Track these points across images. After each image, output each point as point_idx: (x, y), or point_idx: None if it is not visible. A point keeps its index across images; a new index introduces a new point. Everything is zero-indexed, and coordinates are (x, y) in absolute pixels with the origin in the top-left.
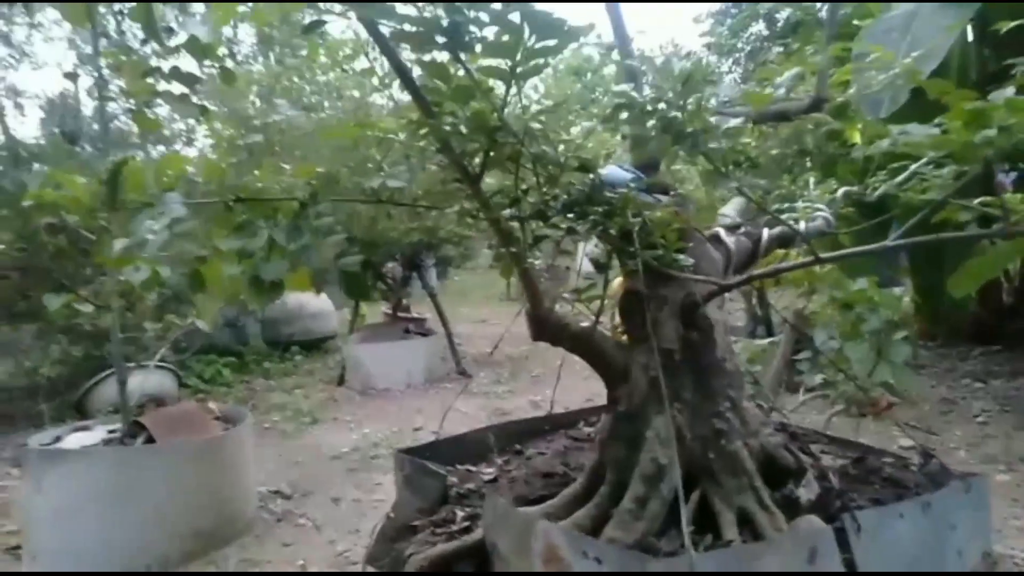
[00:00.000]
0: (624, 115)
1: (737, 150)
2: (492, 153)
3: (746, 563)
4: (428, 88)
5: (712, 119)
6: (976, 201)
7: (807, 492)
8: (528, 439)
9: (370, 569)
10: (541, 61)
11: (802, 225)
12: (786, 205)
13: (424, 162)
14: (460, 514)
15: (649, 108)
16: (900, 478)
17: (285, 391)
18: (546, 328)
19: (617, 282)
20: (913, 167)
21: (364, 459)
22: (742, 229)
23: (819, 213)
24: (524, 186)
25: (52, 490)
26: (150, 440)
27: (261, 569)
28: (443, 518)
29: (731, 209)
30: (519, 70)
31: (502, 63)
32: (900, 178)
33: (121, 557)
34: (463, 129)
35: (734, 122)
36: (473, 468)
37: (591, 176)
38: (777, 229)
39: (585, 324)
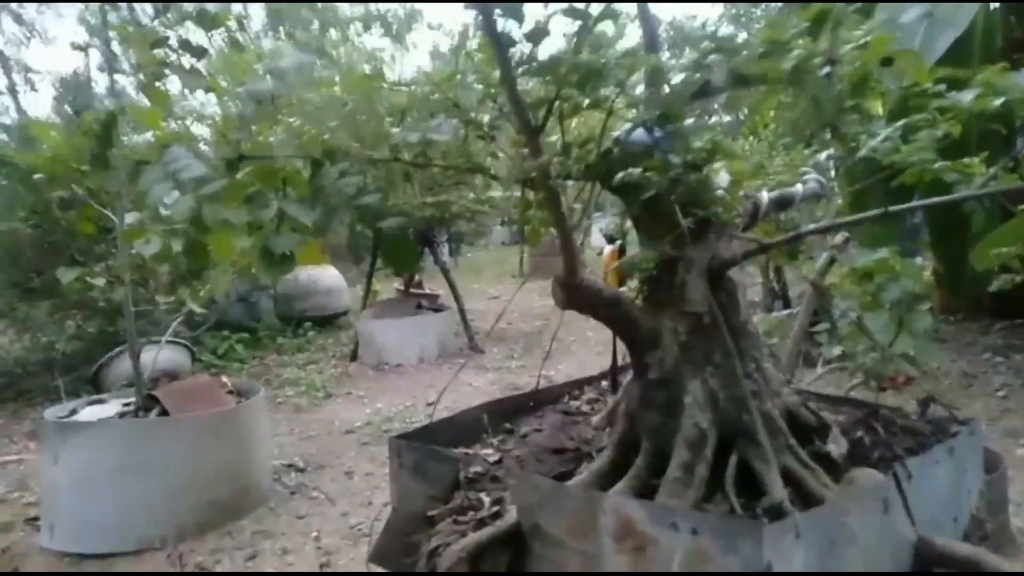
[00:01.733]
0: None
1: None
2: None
3: (837, 520)
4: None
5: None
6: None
7: (837, 447)
8: (515, 417)
9: (376, 568)
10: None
11: (798, 187)
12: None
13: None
14: (487, 499)
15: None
16: (913, 427)
17: (298, 366)
18: (581, 295)
19: (607, 251)
20: (887, 131)
21: (377, 433)
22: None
23: (809, 176)
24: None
25: (69, 462)
26: (164, 413)
27: (275, 540)
28: (463, 505)
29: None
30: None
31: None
32: (882, 136)
33: (137, 526)
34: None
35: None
36: (469, 451)
37: (615, 137)
38: (776, 192)
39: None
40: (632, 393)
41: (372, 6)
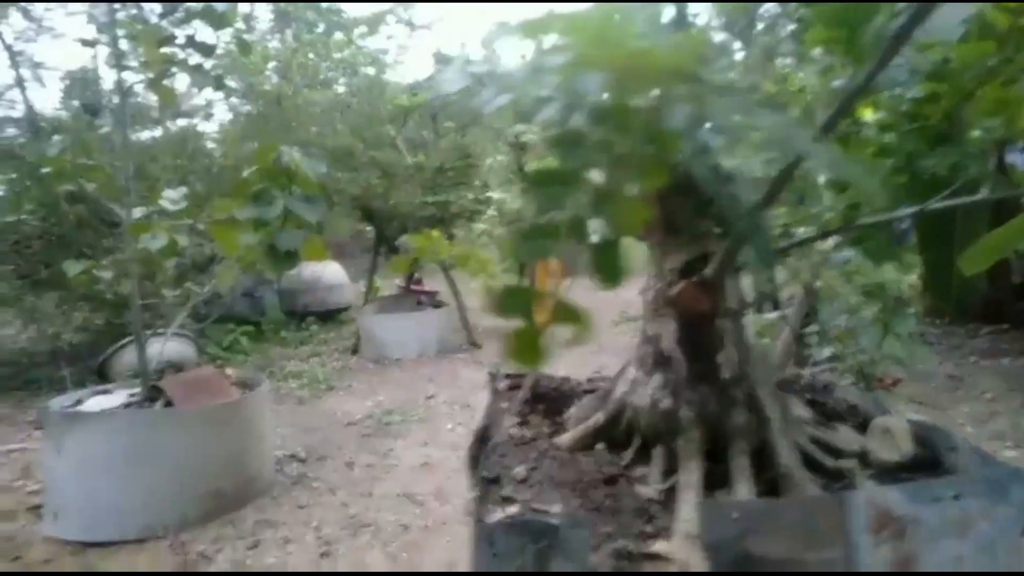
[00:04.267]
0: None
1: None
2: None
3: None
4: None
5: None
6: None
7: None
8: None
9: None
10: None
11: None
12: None
13: (439, 138)
14: None
15: None
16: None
17: (301, 360)
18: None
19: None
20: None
21: (378, 425)
22: None
23: None
24: None
25: (73, 451)
26: (169, 404)
27: (277, 529)
28: None
29: None
30: None
31: None
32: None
33: (140, 515)
34: None
35: None
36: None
37: None
38: None
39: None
40: (705, 395)
41: (378, 9)
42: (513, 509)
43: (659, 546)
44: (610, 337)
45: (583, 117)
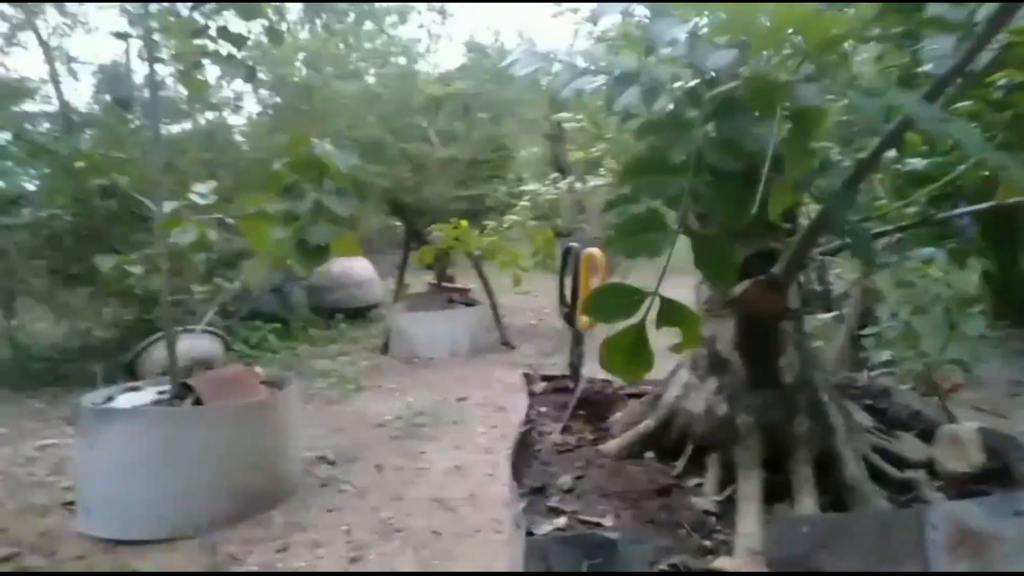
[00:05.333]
0: None
1: None
2: None
3: None
4: None
5: None
6: None
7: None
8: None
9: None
10: None
11: None
12: None
13: (472, 129)
14: None
15: None
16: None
17: (330, 358)
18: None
19: (589, 252)
20: None
21: (408, 427)
22: None
23: None
24: None
25: (104, 447)
26: (198, 402)
27: (306, 532)
28: None
29: None
30: None
31: None
32: None
33: (170, 514)
34: None
35: None
36: None
37: None
38: None
39: None
40: (768, 401)
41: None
42: (561, 521)
43: (720, 562)
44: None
45: (687, 101)
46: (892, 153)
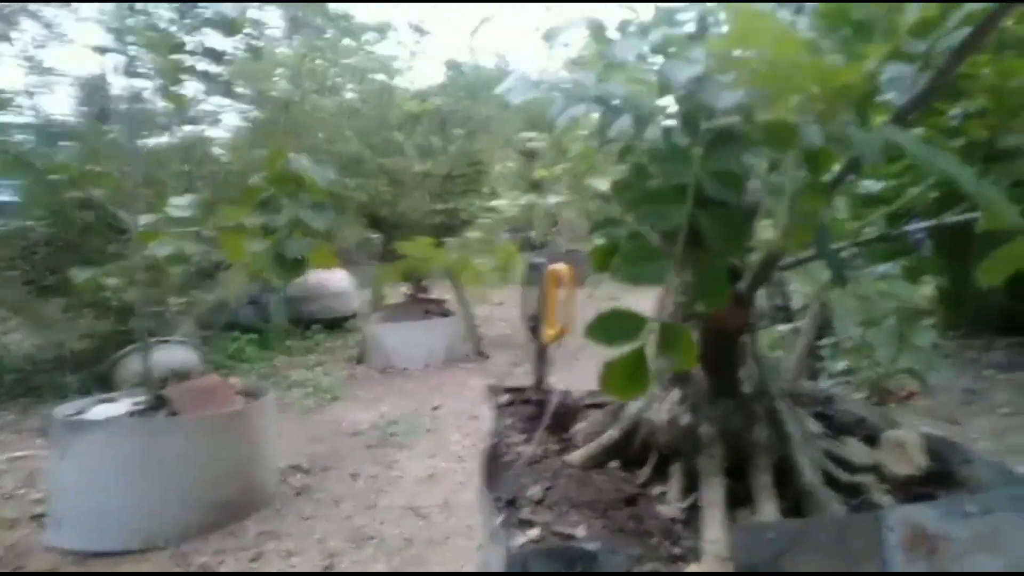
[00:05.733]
0: None
1: None
2: None
3: None
4: None
5: None
6: None
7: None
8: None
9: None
10: None
11: None
12: None
13: (448, 144)
14: None
15: None
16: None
17: (306, 368)
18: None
19: (554, 268)
20: None
21: (383, 436)
22: None
23: None
24: None
25: (76, 459)
26: (173, 413)
27: (280, 541)
28: None
29: None
30: None
31: None
32: None
33: (143, 525)
34: None
35: None
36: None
37: None
38: None
39: None
40: (729, 410)
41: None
42: (535, 532)
43: (691, 568)
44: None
45: (684, 131)
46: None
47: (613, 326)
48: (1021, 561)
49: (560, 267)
